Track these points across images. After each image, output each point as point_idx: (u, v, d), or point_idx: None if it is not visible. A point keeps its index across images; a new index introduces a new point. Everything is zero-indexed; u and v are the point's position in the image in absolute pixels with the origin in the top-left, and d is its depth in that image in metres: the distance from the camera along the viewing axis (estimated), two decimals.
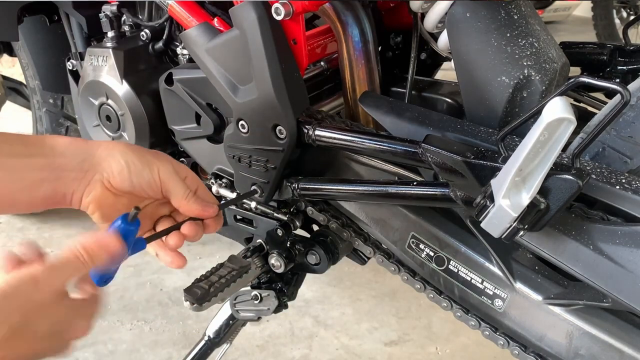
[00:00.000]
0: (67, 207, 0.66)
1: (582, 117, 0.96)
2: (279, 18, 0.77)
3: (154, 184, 0.66)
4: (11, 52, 1.64)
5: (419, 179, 0.83)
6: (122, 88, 1.02)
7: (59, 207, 0.65)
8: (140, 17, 1.09)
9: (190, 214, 0.68)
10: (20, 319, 0.52)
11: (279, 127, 0.83)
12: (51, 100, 1.64)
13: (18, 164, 0.62)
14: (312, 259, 0.97)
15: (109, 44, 1.05)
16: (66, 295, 0.57)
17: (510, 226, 0.61)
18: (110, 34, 1.06)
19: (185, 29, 0.92)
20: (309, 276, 1.08)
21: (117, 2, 1.08)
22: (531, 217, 0.61)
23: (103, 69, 1.04)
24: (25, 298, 0.52)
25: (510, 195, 0.60)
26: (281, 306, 1.00)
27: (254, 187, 0.91)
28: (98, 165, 0.65)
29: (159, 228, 0.70)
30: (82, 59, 1.16)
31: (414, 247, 0.85)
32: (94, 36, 1.17)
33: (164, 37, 1.05)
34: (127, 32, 1.09)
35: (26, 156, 0.62)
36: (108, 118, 1.07)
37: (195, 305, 0.86)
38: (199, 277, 0.89)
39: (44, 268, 0.54)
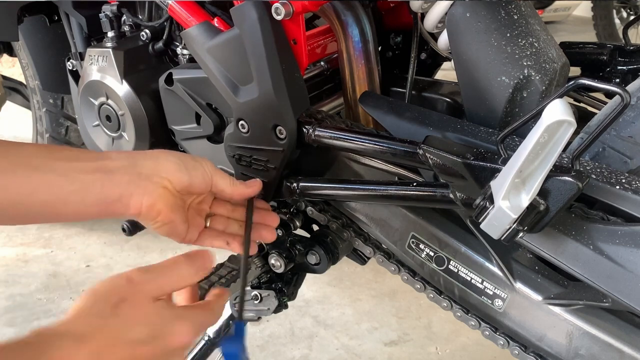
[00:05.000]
0: (118, 216, 0.65)
1: (582, 117, 0.97)
2: (278, 18, 0.77)
3: (207, 177, 0.69)
4: (11, 52, 1.64)
5: (419, 179, 0.83)
6: (122, 88, 1.01)
7: (109, 216, 0.64)
8: (140, 17, 1.09)
9: (241, 196, 0.73)
10: (112, 313, 0.52)
11: (279, 127, 0.83)
12: (51, 100, 1.64)
13: (69, 167, 0.61)
14: (312, 259, 0.97)
15: (109, 44, 1.05)
16: (166, 301, 0.58)
17: (510, 227, 0.61)
18: (110, 34, 1.06)
19: (185, 29, 0.92)
20: (309, 276, 1.08)
21: (117, 2, 1.08)
22: (531, 218, 0.61)
23: (103, 69, 1.04)
24: (119, 295, 0.53)
25: (509, 196, 0.60)
26: (281, 306, 1.00)
27: None
28: (153, 168, 0.65)
29: (213, 225, 0.75)
30: (82, 59, 1.16)
31: (414, 247, 0.85)
32: (94, 36, 1.17)
33: (164, 37, 1.05)
34: (127, 32, 1.09)
35: (76, 160, 0.62)
36: (108, 118, 1.07)
37: None
38: None
39: (141, 271, 0.56)
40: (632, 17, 3.70)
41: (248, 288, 1.00)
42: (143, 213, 0.64)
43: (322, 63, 1.12)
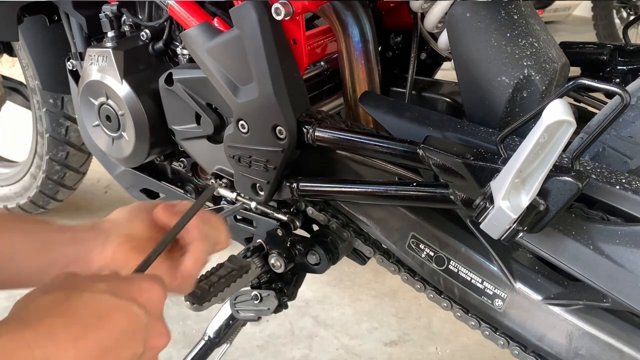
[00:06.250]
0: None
1: (583, 117, 0.97)
2: (278, 18, 0.77)
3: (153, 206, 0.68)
4: (11, 52, 1.64)
5: (419, 179, 0.83)
6: (122, 88, 1.01)
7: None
8: (140, 17, 1.09)
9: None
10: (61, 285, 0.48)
11: (279, 128, 0.83)
12: (51, 100, 1.64)
13: (33, 227, 0.62)
14: (312, 259, 0.97)
15: (109, 44, 1.05)
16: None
17: (510, 228, 0.61)
18: (110, 34, 1.06)
19: (185, 29, 0.92)
20: (309, 276, 1.08)
21: (117, 2, 1.07)
22: (531, 218, 0.61)
23: (103, 69, 1.04)
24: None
25: (509, 196, 0.60)
26: (281, 306, 1.00)
27: None
28: (108, 222, 0.66)
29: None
30: (82, 59, 1.16)
31: (414, 247, 0.85)
32: (94, 36, 1.17)
33: (164, 37, 1.05)
34: (127, 32, 1.09)
35: (42, 222, 0.64)
36: (108, 118, 1.07)
37: (195, 305, 0.86)
38: (199, 277, 0.89)
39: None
40: (632, 17, 3.70)
41: (248, 288, 1.00)
42: (110, 263, 0.62)
43: (322, 63, 1.12)
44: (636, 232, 0.62)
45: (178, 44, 1.05)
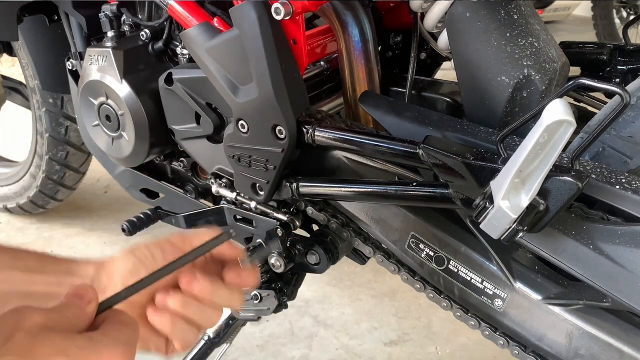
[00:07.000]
0: None
1: (583, 117, 0.97)
2: (279, 18, 0.77)
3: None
4: (11, 52, 1.64)
5: (419, 179, 0.83)
6: (122, 88, 1.01)
7: None
8: (140, 17, 1.09)
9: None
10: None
11: (279, 128, 0.83)
12: (51, 100, 1.64)
13: (26, 279, 0.56)
14: (312, 259, 0.97)
15: (109, 44, 1.05)
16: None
17: (510, 228, 0.61)
18: (110, 34, 1.06)
19: (185, 29, 0.92)
20: (309, 276, 1.08)
21: (117, 2, 1.08)
22: (530, 218, 0.61)
23: (103, 69, 1.04)
24: (8, 326, 0.40)
25: (509, 196, 0.60)
26: (281, 306, 1.00)
27: None
28: (108, 275, 0.59)
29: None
30: (82, 59, 1.16)
31: (414, 247, 0.85)
32: (94, 36, 1.17)
33: (164, 37, 1.05)
34: (127, 32, 1.09)
35: (38, 272, 0.57)
36: (108, 118, 1.07)
37: None
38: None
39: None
40: (632, 17, 3.70)
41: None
42: None
43: (322, 63, 1.12)
44: (636, 232, 0.62)
45: (178, 44, 1.05)
